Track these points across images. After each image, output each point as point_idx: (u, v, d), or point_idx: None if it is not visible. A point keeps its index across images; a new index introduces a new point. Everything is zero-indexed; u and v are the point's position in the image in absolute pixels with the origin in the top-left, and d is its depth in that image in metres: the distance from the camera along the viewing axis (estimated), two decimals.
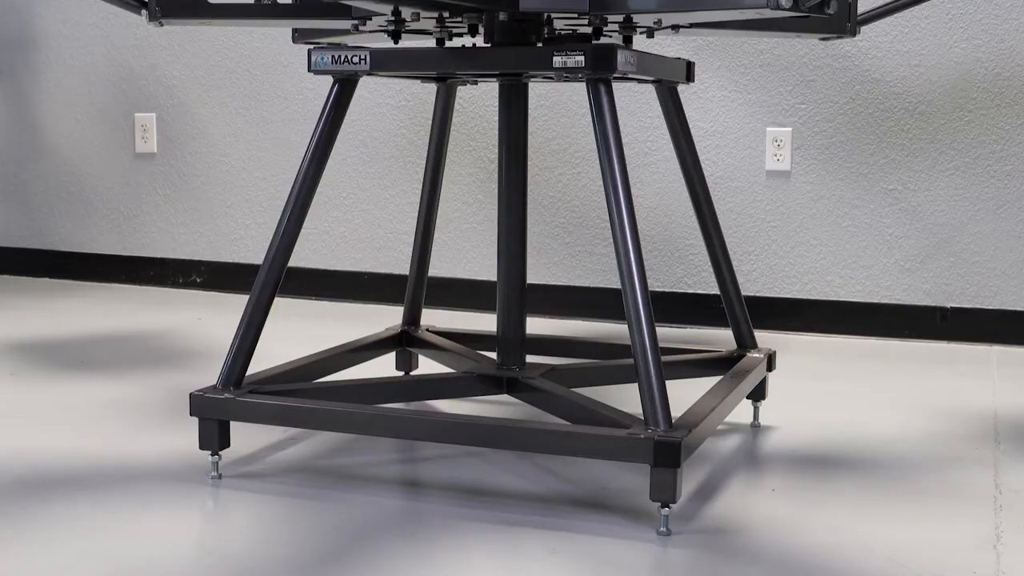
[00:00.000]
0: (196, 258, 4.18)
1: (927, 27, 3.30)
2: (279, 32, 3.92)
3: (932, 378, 2.92)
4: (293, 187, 2.08)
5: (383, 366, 2.69)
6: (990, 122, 3.28)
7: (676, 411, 1.87)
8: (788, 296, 3.48)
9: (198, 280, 4.17)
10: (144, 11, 2.25)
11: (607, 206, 1.88)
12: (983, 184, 3.30)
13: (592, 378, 2.36)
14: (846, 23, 2.31)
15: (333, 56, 2.04)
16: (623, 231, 1.86)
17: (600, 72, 1.87)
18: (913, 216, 3.37)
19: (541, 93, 3.65)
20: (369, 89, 3.83)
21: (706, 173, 2.61)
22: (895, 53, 3.33)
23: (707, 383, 2.23)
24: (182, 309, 3.79)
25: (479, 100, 3.73)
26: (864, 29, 2.69)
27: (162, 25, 2.23)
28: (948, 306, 3.36)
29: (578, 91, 3.61)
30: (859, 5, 2.37)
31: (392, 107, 3.86)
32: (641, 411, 1.81)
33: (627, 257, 1.86)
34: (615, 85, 1.93)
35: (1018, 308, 3.31)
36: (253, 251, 4.08)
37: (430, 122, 2.57)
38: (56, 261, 4.39)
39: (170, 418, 2.42)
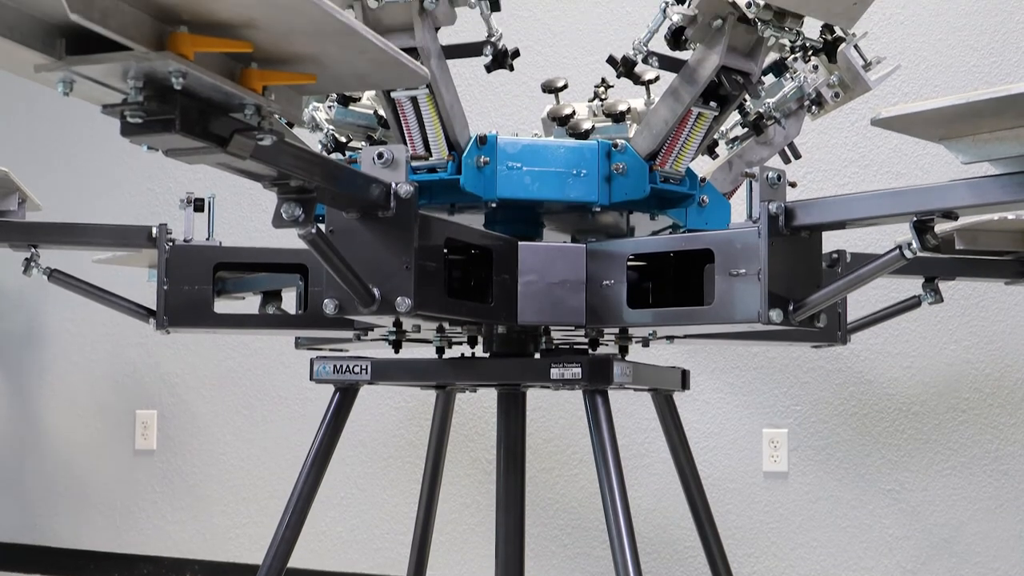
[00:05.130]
0: (190, 556, 4.13)
1: (916, 330, 3.37)
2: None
3: None
4: (292, 493, 2.08)
5: None
6: (984, 422, 3.31)
7: None
8: None
9: None
10: (152, 319, 2.31)
11: (604, 511, 1.89)
12: (981, 484, 3.31)
13: None
14: (836, 332, 2.37)
15: (335, 366, 2.08)
16: (620, 535, 1.87)
17: (597, 384, 1.92)
18: (912, 516, 3.35)
19: (539, 395, 3.69)
20: (369, 390, 3.85)
21: (703, 474, 2.64)
22: (886, 355, 3.40)
23: None
24: None
25: (478, 402, 3.76)
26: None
27: (169, 333, 2.28)
28: None
29: (575, 393, 3.64)
30: (848, 314, 2.44)
31: (391, 408, 3.90)
32: None
33: (624, 561, 1.85)
34: (611, 391, 1.97)
35: None
36: (249, 550, 4.03)
37: (429, 424, 2.60)
38: (50, 557, 4.34)
39: None
